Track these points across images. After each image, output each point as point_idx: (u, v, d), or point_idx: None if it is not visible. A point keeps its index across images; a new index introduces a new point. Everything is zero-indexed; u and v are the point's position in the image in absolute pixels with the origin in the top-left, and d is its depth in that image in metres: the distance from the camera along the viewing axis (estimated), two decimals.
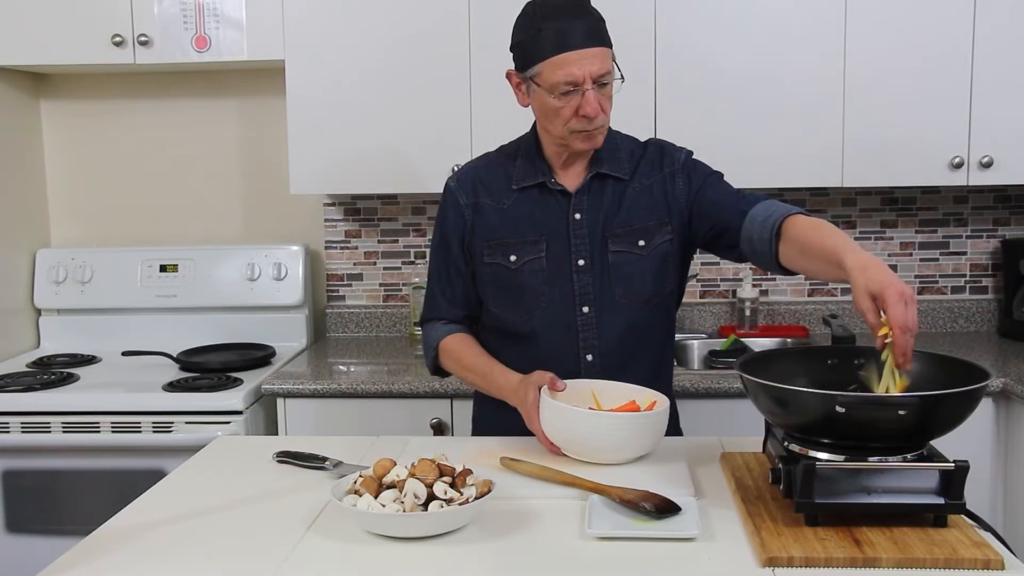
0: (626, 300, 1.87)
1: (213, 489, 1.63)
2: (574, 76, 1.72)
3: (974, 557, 1.27)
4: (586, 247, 1.87)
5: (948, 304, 3.11)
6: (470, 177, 1.94)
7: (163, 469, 2.37)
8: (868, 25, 2.67)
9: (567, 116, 1.77)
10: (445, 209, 1.95)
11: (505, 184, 1.91)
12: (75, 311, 3.13)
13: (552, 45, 1.73)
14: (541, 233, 1.88)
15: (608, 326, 1.87)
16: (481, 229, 1.90)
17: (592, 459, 1.68)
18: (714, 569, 1.30)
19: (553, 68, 1.73)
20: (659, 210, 1.88)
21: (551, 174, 1.89)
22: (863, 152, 2.70)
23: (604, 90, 1.76)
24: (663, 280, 1.89)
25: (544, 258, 1.87)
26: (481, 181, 1.93)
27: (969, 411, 1.38)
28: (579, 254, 1.87)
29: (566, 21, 1.73)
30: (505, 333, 1.93)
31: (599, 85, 1.75)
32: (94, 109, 3.23)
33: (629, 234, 1.87)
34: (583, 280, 1.87)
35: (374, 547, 1.37)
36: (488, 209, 1.91)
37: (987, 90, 2.66)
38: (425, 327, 2.01)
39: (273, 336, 3.07)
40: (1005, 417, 2.48)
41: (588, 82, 1.73)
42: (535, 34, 1.74)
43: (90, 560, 1.36)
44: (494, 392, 1.87)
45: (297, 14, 2.76)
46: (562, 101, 1.75)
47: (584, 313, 1.87)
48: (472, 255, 1.92)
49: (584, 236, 1.87)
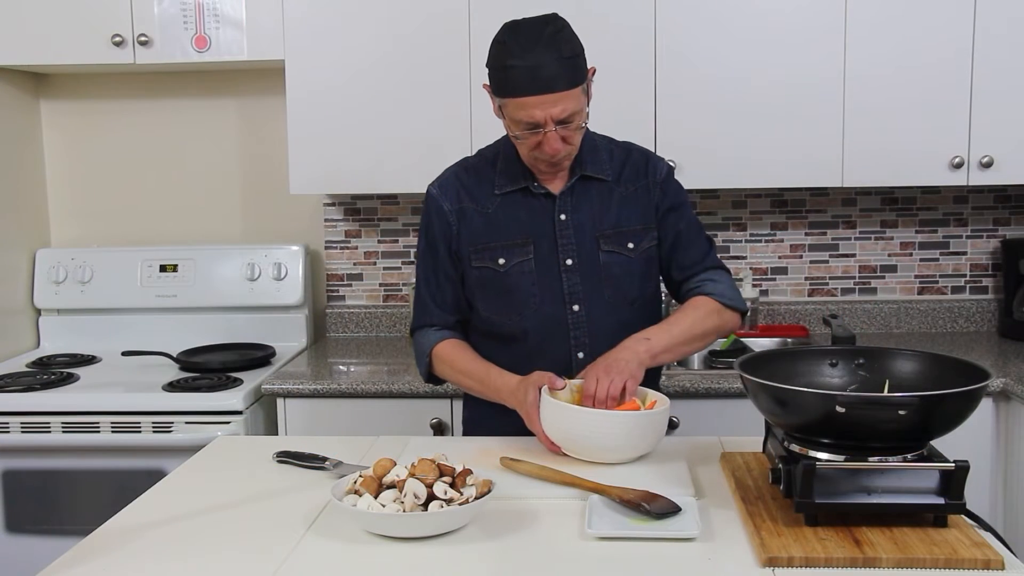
0: (614, 300, 1.90)
1: (213, 489, 1.63)
2: (535, 118, 1.74)
3: (974, 557, 1.27)
4: (573, 247, 1.89)
5: (948, 304, 3.11)
6: (452, 183, 1.95)
7: (163, 469, 2.37)
8: (868, 25, 2.66)
9: (530, 146, 1.80)
10: (429, 216, 1.95)
11: (488, 189, 1.92)
12: (75, 311, 3.13)
13: (516, 86, 1.72)
14: (528, 236, 1.89)
15: (599, 324, 1.89)
16: (467, 234, 1.91)
17: (593, 459, 1.68)
18: (714, 569, 1.30)
19: (516, 108, 1.74)
20: (647, 215, 1.93)
21: (533, 178, 1.90)
22: (863, 152, 2.70)
23: (570, 125, 1.77)
24: (648, 281, 1.95)
25: (532, 260, 1.89)
26: (463, 186, 1.93)
27: (969, 411, 1.38)
28: (566, 254, 1.89)
29: (535, 58, 1.70)
30: (496, 335, 1.94)
31: (563, 123, 1.75)
32: (94, 109, 3.23)
33: (620, 235, 1.90)
34: (572, 280, 1.89)
35: (374, 547, 1.37)
36: (472, 214, 1.91)
37: (987, 90, 2.66)
38: (416, 335, 2.01)
39: (273, 336, 3.07)
40: (1005, 417, 2.48)
41: (550, 124, 1.74)
42: (502, 71, 1.74)
43: (90, 560, 1.36)
44: (492, 395, 1.87)
45: (297, 14, 2.76)
46: (524, 135, 1.78)
47: (575, 312, 1.89)
48: (460, 259, 1.93)
49: (570, 236, 1.89)
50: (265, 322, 3.10)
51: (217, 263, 3.10)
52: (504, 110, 1.79)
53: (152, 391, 2.59)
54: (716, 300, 1.90)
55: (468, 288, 1.95)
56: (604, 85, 1.96)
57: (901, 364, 1.56)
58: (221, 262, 3.10)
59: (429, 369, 1.98)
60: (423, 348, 1.98)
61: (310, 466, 1.71)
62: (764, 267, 3.14)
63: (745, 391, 1.50)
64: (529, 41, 1.71)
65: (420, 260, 1.99)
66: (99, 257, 3.13)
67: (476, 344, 1.97)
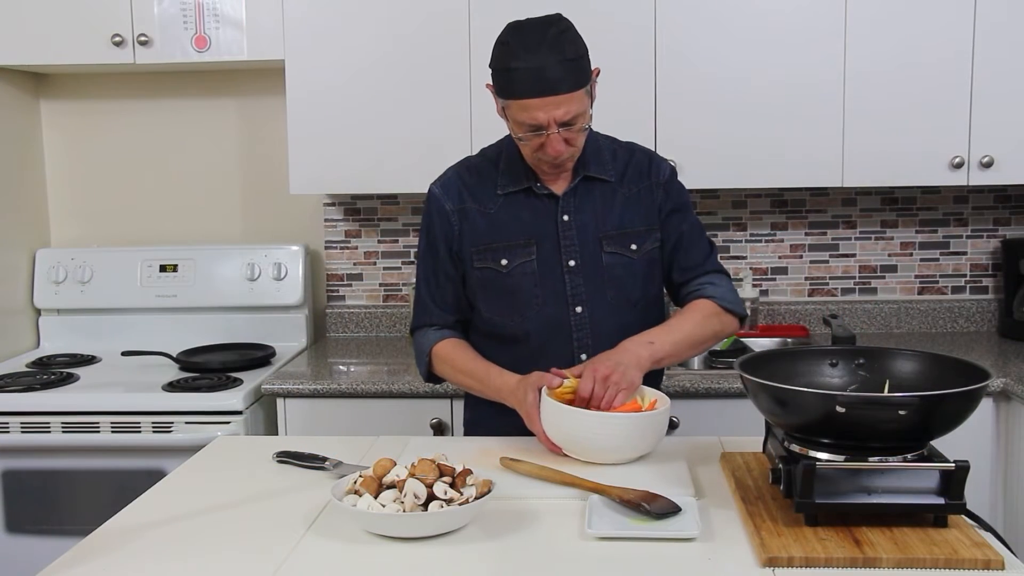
0: (617, 301, 1.89)
1: (213, 489, 1.63)
2: (538, 120, 1.73)
3: (974, 557, 1.27)
4: (576, 248, 1.88)
5: (948, 304, 3.11)
6: (454, 183, 1.94)
7: (163, 469, 2.37)
8: (868, 25, 2.66)
9: (533, 147, 1.80)
10: (430, 215, 1.95)
11: (490, 189, 1.91)
12: (75, 311, 3.13)
13: (519, 88, 1.72)
14: (530, 236, 1.89)
15: (602, 325, 1.88)
16: (469, 234, 1.91)
17: (593, 459, 1.68)
18: (714, 569, 1.30)
19: (519, 109, 1.74)
20: (650, 216, 1.92)
21: (536, 179, 1.90)
22: (863, 152, 2.70)
23: (573, 127, 1.76)
24: (651, 283, 1.94)
25: (535, 260, 1.88)
26: (465, 186, 1.93)
27: (969, 411, 1.38)
28: (569, 255, 1.88)
29: (538, 60, 1.69)
30: (498, 336, 1.93)
31: (566, 125, 1.75)
32: (94, 109, 3.23)
33: (623, 237, 1.90)
34: (575, 281, 1.88)
35: (374, 547, 1.37)
36: (475, 214, 1.91)
37: (987, 90, 2.66)
38: (416, 335, 2.01)
39: (273, 336, 3.07)
40: (1005, 417, 2.48)
41: (553, 126, 1.74)
42: (505, 72, 1.73)
43: (90, 560, 1.36)
44: (491, 394, 1.87)
45: (297, 14, 2.76)
46: (527, 136, 1.77)
47: (578, 313, 1.88)
48: (462, 260, 1.92)
49: (573, 237, 1.88)
50: (265, 322, 3.10)
51: (217, 263, 3.10)
52: (507, 111, 1.78)
53: (152, 391, 2.59)
54: (717, 303, 1.89)
55: (470, 289, 1.94)
56: (604, 84, 1.96)
57: (901, 364, 1.55)
58: (221, 262, 3.10)
59: (429, 369, 1.98)
60: (423, 348, 1.98)
61: (310, 466, 1.71)
62: (764, 267, 3.14)
63: (745, 391, 1.50)
64: (533, 42, 1.70)
65: (420, 260, 1.99)
66: (99, 257, 3.13)
67: (478, 345, 1.96)
